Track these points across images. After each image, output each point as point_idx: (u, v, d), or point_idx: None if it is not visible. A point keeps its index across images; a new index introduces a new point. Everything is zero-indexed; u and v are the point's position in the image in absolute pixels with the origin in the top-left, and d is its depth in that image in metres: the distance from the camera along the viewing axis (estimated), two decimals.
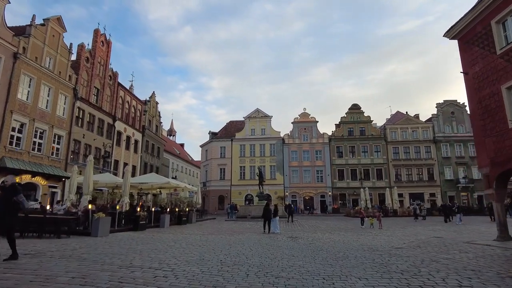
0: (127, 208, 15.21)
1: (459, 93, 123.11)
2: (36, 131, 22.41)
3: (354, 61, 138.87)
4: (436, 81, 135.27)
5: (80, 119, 27.56)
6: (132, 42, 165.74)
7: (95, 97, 30.09)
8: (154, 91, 44.05)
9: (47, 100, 23.76)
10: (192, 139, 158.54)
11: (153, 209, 16.46)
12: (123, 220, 15.02)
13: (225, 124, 56.07)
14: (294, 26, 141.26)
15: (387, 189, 38.43)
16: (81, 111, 27.62)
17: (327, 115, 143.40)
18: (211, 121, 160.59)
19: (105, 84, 31.49)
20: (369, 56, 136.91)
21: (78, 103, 27.00)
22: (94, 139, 28.85)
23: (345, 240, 13.04)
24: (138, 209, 14.43)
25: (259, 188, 28.72)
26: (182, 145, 78.49)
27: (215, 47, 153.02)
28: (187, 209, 21.22)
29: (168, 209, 18.02)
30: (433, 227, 19.57)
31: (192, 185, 26.65)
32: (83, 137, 27.58)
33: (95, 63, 29.86)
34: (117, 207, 12.89)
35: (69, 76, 26.13)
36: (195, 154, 73.45)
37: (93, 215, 10.93)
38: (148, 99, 42.19)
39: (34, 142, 22.34)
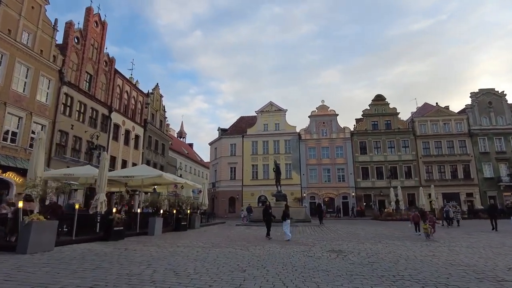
0: (103, 209, 11.12)
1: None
2: (8, 118, 18.64)
3: (364, 63, 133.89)
4: (450, 81, 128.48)
5: (68, 108, 23.82)
6: (142, 48, 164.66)
7: (87, 83, 26.34)
8: (157, 83, 40.27)
9: (25, 82, 20.04)
10: (203, 142, 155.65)
11: (138, 211, 12.27)
12: (96, 226, 10.93)
13: (236, 119, 51.95)
14: (303, 29, 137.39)
15: (420, 188, 33.34)
16: (69, 98, 23.87)
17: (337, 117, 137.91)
18: (222, 125, 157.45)
19: (100, 70, 27.74)
20: (379, 57, 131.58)
21: (65, 89, 23.27)
22: (85, 131, 25.01)
23: (416, 255, 8.61)
24: (114, 210, 10.33)
25: (276, 186, 24.25)
26: (191, 145, 74.74)
27: (224, 51, 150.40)
28: (188, 211, 17.01)
29: (161, 211, 13.81)
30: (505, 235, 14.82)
31: (196, 184, 22.41)
32: (72, 128, 23.80)
33: (87, 45, 26.14)
34: (76, 206, 8.79)
35: (54, 56, 22.44)
36: (206, 158, 69.13)
37: (23, 219, 6.88)
38: (151, 91, 38.37)
39: (7, 131, 18.59)
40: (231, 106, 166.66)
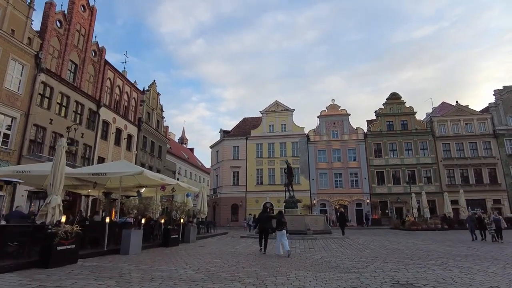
0: (57, 218, 7.71)
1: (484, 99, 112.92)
2: None
3: (369, 69, 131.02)
4: (457, 87, 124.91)
5: (46, 99, 20.62)
6: (146, 56, 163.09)
7: (71, 73, 23.21)
8: (154, 80, 37.24)
9: None
10: (205, 149, 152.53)
11: (107, 220, 8.81)
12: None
13: (239, 121, 48.64)
14: (307, 35, 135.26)
15: (445, 193, 29.73)
16: (47, 88, 20.68)
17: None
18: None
19: (87, 60, 24.61)
20: (384, 63, 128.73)
21: (43, 77, 20.07)
22: (67, 127, 21.68)
23: None
24: (63, 219, 6.96)
25: (288, 190, 20.62)
26: (191, 149, 71.36)
27: (228, 58, 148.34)
28: (181, 220, 13.56)
29: (142, 220, 10.31)
30: None
31: (191, 187, 18.91)
32: (51, 123, 20.58)
33: (72, 31, 23.05)
34: None
35: (29, 39, 19.35)
36: (208, 165, 65.30)
37: None
38: (147, 88, 35.20)
39: None
40: (233, 113, 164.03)
